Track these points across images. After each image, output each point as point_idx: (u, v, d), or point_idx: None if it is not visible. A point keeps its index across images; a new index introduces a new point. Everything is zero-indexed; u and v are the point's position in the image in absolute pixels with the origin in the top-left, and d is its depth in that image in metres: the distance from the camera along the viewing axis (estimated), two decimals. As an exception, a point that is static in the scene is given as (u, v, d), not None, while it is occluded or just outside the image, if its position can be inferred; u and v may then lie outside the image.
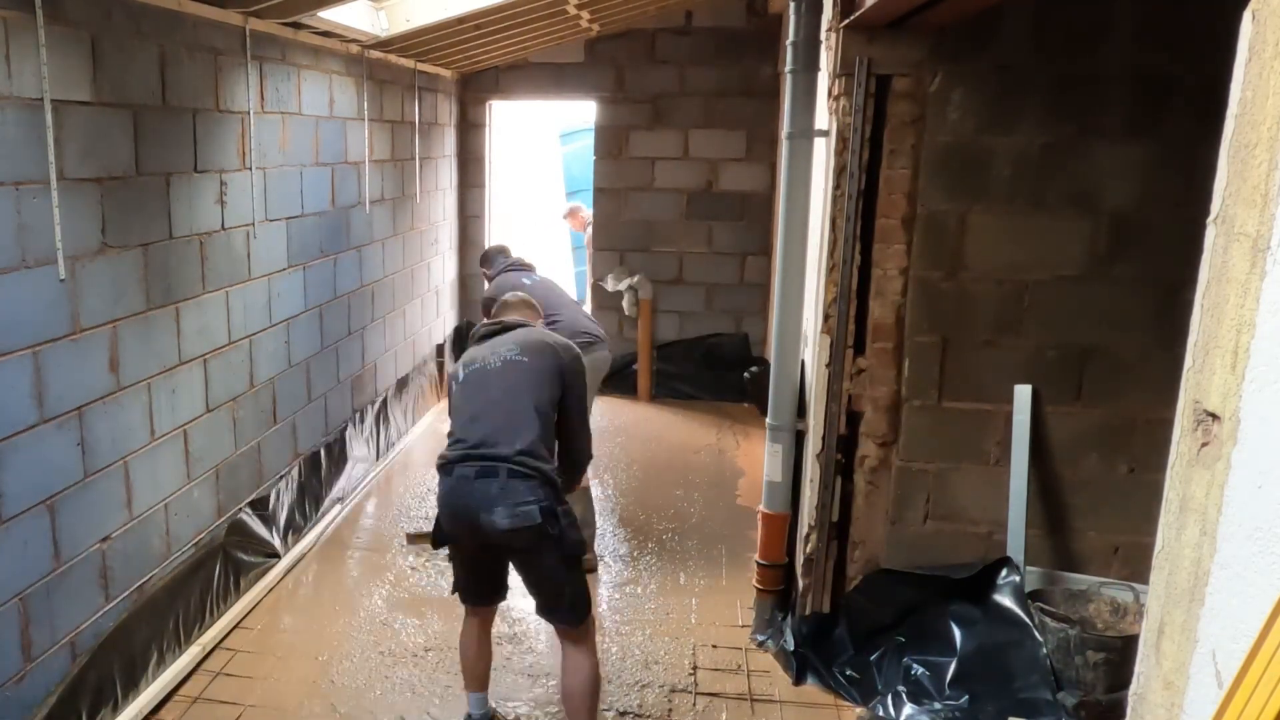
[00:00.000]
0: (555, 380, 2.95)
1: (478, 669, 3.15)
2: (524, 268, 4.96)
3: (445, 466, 2.88)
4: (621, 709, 3.38)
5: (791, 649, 3.60)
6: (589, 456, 3.17)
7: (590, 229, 7.79)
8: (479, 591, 3.07)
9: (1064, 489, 3.44)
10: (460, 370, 3.03)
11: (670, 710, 3.37)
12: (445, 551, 3.55)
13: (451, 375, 3.08)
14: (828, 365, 3.44)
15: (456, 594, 3.12)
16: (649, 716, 3.34)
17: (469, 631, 3.13)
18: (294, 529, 4.48)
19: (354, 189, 5.12)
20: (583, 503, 4.42)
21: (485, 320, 3.31)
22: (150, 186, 3.26)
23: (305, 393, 4.64)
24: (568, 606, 2.88)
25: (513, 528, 2.74)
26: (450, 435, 2.96)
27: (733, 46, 6.77)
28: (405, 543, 4.58)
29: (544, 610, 2.96)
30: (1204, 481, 0.93)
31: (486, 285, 5.02)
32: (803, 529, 3.74)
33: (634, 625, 3.96)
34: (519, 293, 3.56)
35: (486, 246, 5.18)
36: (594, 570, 4.38)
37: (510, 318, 3.25)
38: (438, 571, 4.36)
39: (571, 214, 8.76)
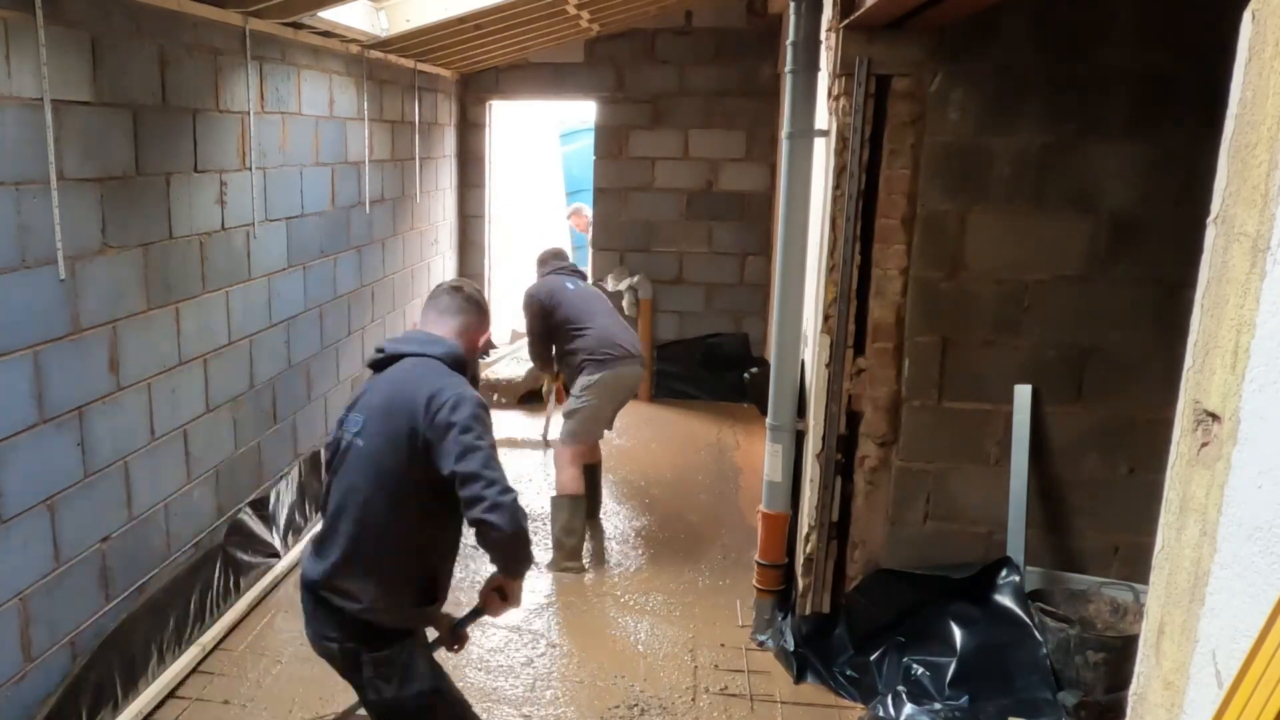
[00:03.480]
0: (403, 452, 2.23)
1: None
2: (573, 273, 4.93)
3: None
4: (621, 708, 3.38)
5: (791, 649, 3.60)
6: (517, 530, 2.16)
7: (591, 229, 7.80)
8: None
9: (1064, 489, 3.44)
10: (343, 433, 2.39)
11: (670, 710, 3.37)
12: None
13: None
14: (828, 365, 3.44)
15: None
16: (649, 716, 3.34)
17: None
18: (294, 529, 4.48)
19: (354, 189, 5.12)
20: (567, 510, 4.44)
21: (378, 345, 2.56)
22: (150, 186, 3.26)
23: (305, 393, 4.64)
24: None
25: (324, 655, 2.39)
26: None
27: (733, 46, 6.77)
28: None
29: None
30: (1204, 481, 0.93)
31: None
32: (803, 529, 3.74)
33: (634, 625, 3.96)
34: (453, 285, 2.57)
35: (543, 253, 5.16)
36: (584, 571, 4.44)
37: (417, 332, 2.47)
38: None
39: (575, 214, 8.78)
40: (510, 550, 2.23)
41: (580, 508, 4.54)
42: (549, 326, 4.68)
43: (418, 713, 2.38)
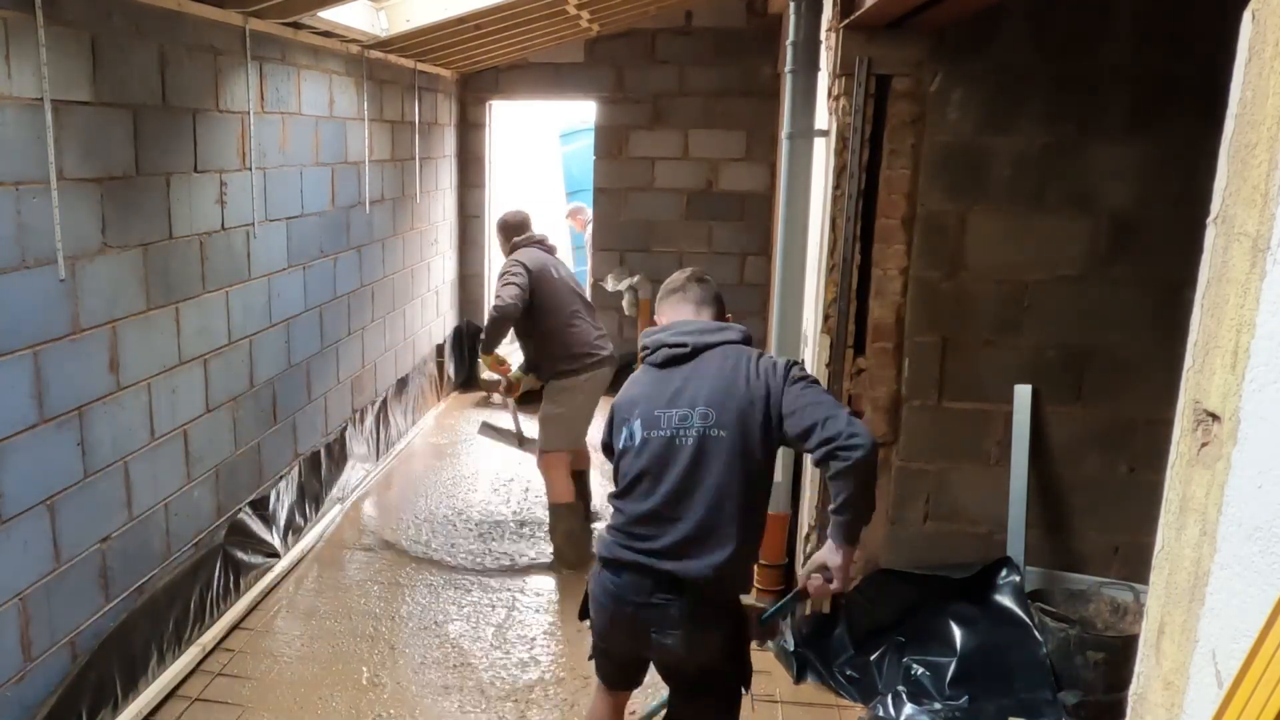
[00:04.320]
0: (764, 424, 2.23)
1: None
2: (551, 252, 4.60)
3: (614, 563, 2.33)
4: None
5: (791, 649, 3.60)
6: (866, 439, 2.15)
7: (590, 229, 7.80)
8: (622, 681, 2.60)
9: (1064, 489, 3.44)
10: (635, 429, 2.33)
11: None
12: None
13: (616, 423, 2.42)
14: (828, 365, 3.44)
15: (592, 664, 2.64)
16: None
17: (598, 711, 2.67)
18: (294, 529, 4.48)
19: (354, 189, 5.12)
20: (565, 518, 4.44)
21: (661, 339, 2.41)
22: (150, 186, 3.26)
23: (305, 393, 4.64)
24: None
25: (689, 656, 2.30)
26: (618, 510, 2.38)
27: (733, 46, 6.77)
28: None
29: None
30: (1204, 481, 0.93)
31: (505, 253, 4.62)
32: (803, 529, 3.74)
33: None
34: (692, 278, 2.54)
35: (506, 213, 4.76)
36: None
37: (688, 329, 2.38)
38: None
39: (573, 214, 8.78)
40: (864, 481, 2.14)
41: (577, 512, 4.52)
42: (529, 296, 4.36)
43: (743, 690, 2.41)
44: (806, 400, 2.19)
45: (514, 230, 4.64)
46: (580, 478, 4.72)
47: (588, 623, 2.51)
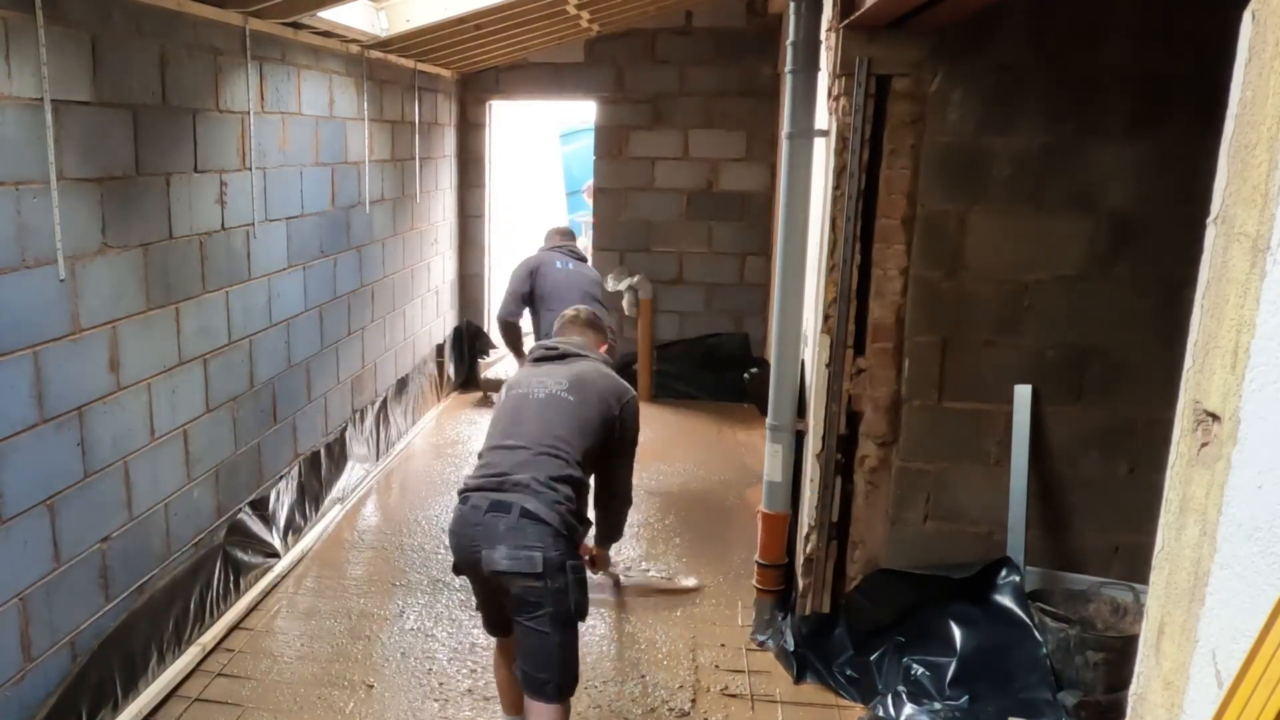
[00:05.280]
0: (601, 429, 2.83)
1: (510, 693, 2.99)
2: (571, 254, 5.16)
3: (462, 494, 2.74)
4: (621, 709, 3.38)
5: (791, 649, 3.60)
6: (629, 502, 3.18)
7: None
8: (496, 623, 2.89)
9: (1064, 489, 3.44)
10: (503, 392, 2.97)
11: (670, 710, 3.37)
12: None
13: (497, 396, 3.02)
14: (828, 365, 3.44)
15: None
16: (649, 715, 3.34)
17: (497, 659, 3.05)
18: (294, 529, 4.48)
19: (354, 189, 5.12)
20: None
21: (542, 343, 3.18)
22: (150, 186, 3.26)
23: (305, 393, 4.64)
24: (550, 679, 2.62)
25: (511, 570, 2.56)
26: (479, 458, 2.85)
27: (733, 46, 6.77)
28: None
29: (523, 677, 2.67)
30: (1204, 481, 0.93)
31: None
32: (803, 529, 3.74)
33: (634, 625, 3.96)
34: (580, 310, 3.36)
35: (553, 227, 5.54)
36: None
37: (570, 341, 3.10)
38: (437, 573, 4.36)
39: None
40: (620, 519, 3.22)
41: None
42: (527, 291, 5.02)
43: (576, 618, 2.69)
44: (623, 453, 3.04)
45: (544, 241, 5.33)
46: None
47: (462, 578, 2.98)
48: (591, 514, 2.93)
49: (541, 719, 2.66)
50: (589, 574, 3.02)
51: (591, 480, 2.92)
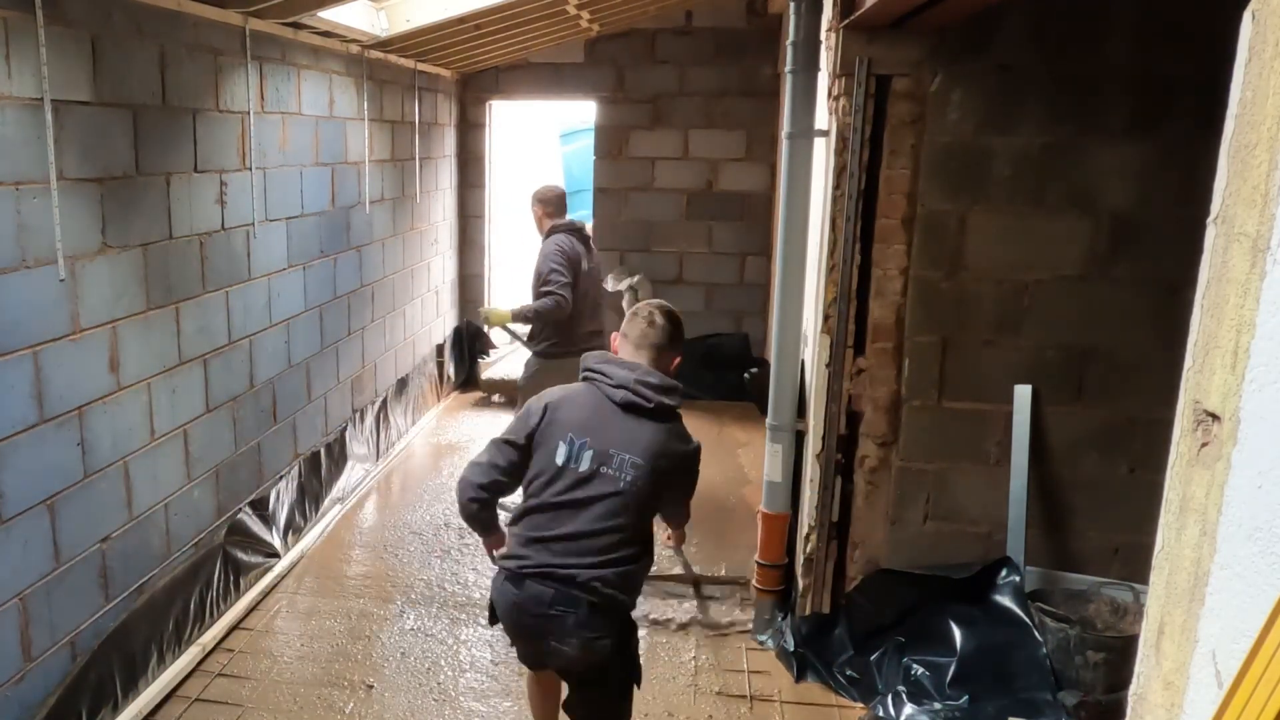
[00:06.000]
0: (666, 486, 2.59)
1: (545, 712, 2.97)
2: (585, 238, 4.66)
3: (517, 574, 2.51)
4: (621, 709, 3.38)
5: (791, 649, 3.60)
6: (689, 512, 3.09)
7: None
8: (541, 664, 2.79)
9: (1064, 489, 3.44)
10: (562, 448, 2.51)
11: (670, 709, 3.37)
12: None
13: (538, 426, 2.56)
14: (828, 365, 3.44)
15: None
16: (649, 716, 3.34)
17: (533, 688, 2.96)
18: (294, 529, 4.48)
19: (354, 189, 5.12)
20: None
21: (629, 380, 2.54)
22: (150, 186, 3.26)
23: (305, 393, 4.64)
24: None
25: (584, 659, 2.51)
26: (522, 517, 2.56)
27: (733, 46, 6.77)
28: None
29: None
30: (1204, 481, 0.93)
31: (539, 226, 4.69)
32: (803, 529, 3.74)
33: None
34: (663, 321, 2.65)
35: (545, 186, 4.82)
36: None
37: (649, 381, 2.55)
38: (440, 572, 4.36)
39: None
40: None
41: None
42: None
43: (637, 680, 2.74)
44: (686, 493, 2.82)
45: (552, 207, 4.70)
46: None
47: (499, 626, 2.71)
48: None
49: None
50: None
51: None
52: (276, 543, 4.27)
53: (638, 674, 2.73)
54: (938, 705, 3.17)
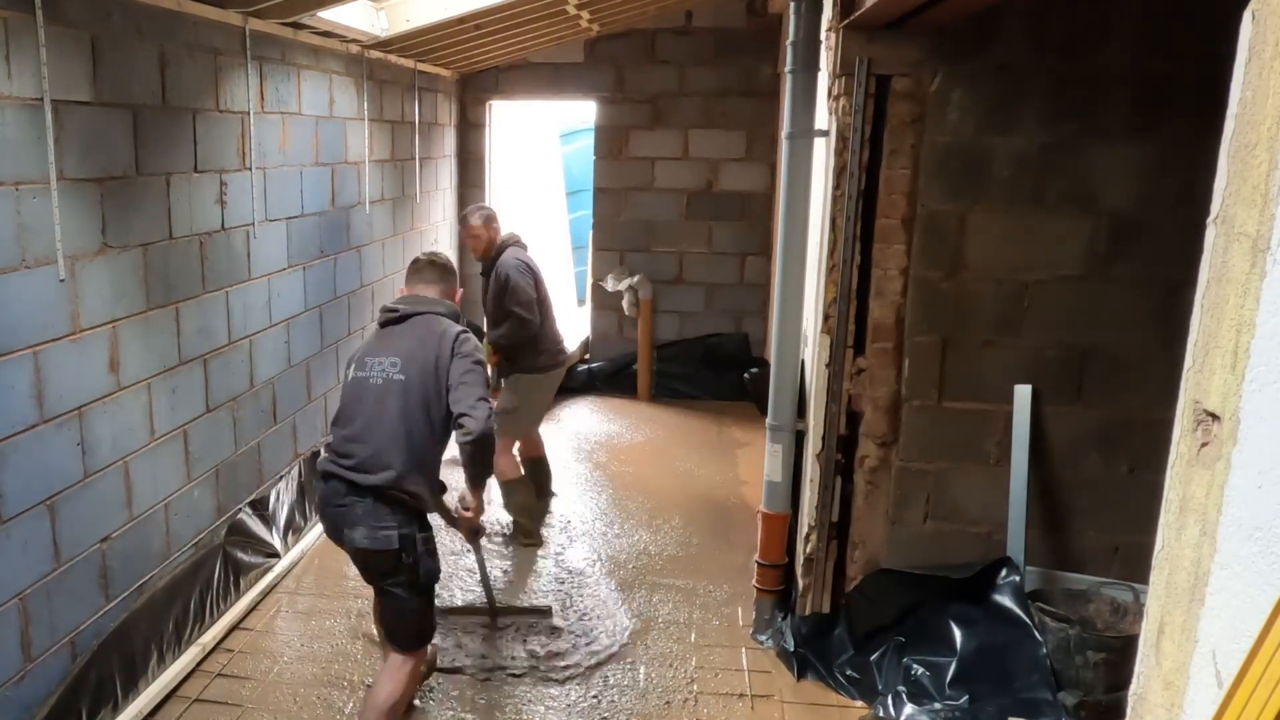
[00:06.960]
0: (434, 378, 2.91)
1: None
2: (524, 248, 4.77)
3: (322, 474, 2.95)
4: (622, 707, 3.38)
5: (791, 649, 3.60)
6: (486, 440, 2.88)
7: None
8: (368, 579, 3.11)
9: (1064, 489, 3.44)
10: (350, 371, 3.01)
11: (670, 709, 3.37)
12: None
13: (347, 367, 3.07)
14: (828, 365, 3.44)
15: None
16: (649, 716, 3.34)
17: (375, 605, 3.22)
18: (294, 529, 4.48)
19: (354, 189, 5.12)
20: (519, 491, 4.66)
21: (385, 305, 3.16)
22: (150, 186, 3.26)
23: (305, 393, 4.64)
24: (408, 633, 2.97)
25: (370, 549, 2.85)
26: (330, 438, 2.99)
27: (733, 46, 6.77)
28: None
29: (385, 630, 3.06)
30: (1204, 481, 0.93)
31: (483, 238, 4.69)
32: (803, 529, 3.74)
33: (633, 624, 3.95)
34: (437, 256, 3.35)
35: (481, 206, 4.90)
36: (540, 545, 4.68)
37: (415, 299, 3.11)
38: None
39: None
40: (472, 453, 2.92)
41: (528, 486, 4.75)
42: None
43: (430, 583, 2.99)
44: (458, 380, 2.90)
45: (498, 223, 4.80)
46: (539, 463, 5.05)
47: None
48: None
49: (395, 665, 2.95)
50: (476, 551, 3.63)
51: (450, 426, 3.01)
52: (276, 543, 4.27)
53: (430, 575, 2.95)
54: (938, 705, 3.17)
